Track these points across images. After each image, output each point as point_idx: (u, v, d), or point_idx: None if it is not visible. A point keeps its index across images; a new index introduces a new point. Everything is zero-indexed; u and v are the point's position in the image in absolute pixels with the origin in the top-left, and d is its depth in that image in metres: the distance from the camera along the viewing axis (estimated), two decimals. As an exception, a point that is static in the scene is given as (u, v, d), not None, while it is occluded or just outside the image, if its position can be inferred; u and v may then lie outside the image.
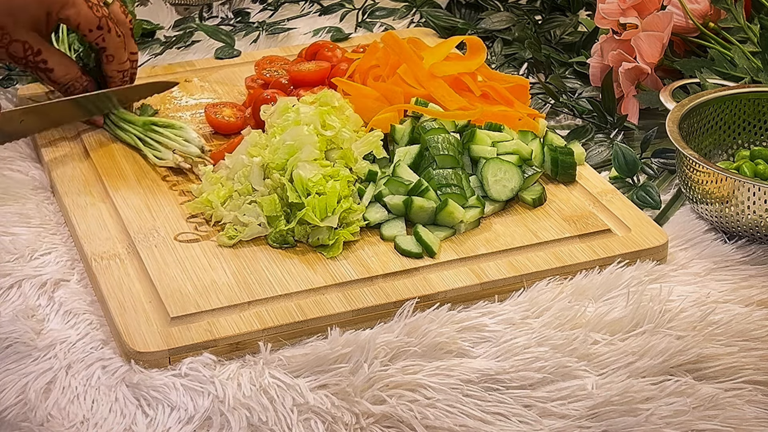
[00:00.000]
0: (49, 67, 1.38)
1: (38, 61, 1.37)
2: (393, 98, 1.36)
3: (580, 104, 1.49)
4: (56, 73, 1.39)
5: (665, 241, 1.23)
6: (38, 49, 1.37)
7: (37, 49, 1.37)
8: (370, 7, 1.76)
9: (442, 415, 1.03)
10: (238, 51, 1.62)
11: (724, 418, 1.04)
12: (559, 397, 1.05)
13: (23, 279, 1.19)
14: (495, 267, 1.19)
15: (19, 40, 1.35)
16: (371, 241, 1.22)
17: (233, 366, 1.08)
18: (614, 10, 1.47)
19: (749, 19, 1.48)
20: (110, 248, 1.22)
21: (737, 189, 1.21)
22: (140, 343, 1.09)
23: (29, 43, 1.36)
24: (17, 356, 1.09)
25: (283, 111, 1.31)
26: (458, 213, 1.23)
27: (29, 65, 1.38)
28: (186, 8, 1.77)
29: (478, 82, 1.40)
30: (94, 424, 1.03)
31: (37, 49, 1.37)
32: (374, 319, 1.13)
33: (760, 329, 1.13)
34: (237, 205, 1.25)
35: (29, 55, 1.36)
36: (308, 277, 1.17)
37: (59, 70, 1.39)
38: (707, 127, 1.34)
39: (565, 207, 1.28)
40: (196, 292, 1.15)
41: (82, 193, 1.31)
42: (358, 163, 1.28)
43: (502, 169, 1.28)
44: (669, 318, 1.12)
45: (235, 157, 1.29)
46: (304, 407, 1.03)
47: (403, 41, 1.40)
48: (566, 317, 1.13)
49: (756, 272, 1.21)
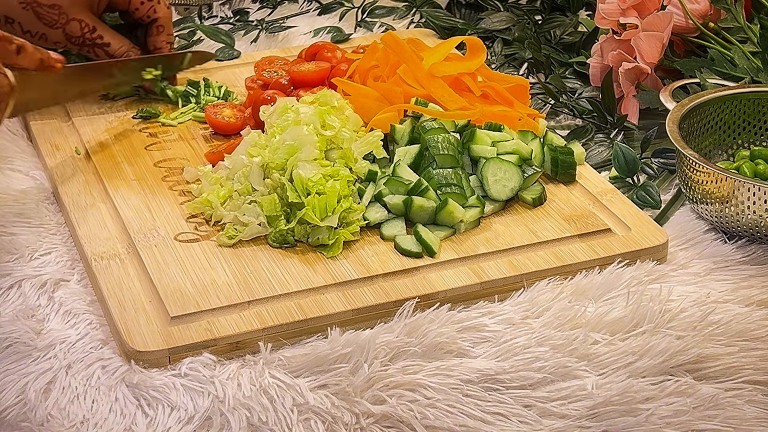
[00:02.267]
0: (106, 42, 1.43)
1: (95, 37, 1.42)
2: (393, 98, 1.36)
3: (580, 104, 1.49)
4: (113, 47, 1.44)
5: (665, 240, 1.23)
6: (93, 26, 1.42)
7: (93, 26, 1.42)
8: (369, 6, 1.76)
9: (442, 415, 1.03)
10: (238, 52, 1.62)
11: (724, 418, 1.04)
12: (559, 397, 1.05)
13: (23, 279, 1.19)
14: (495, 266, 1.19)
15: (75, 19, 1.40)
16: (371, 241, 1.22)
17: (233, 366, 1.08)
18: (614, 10, 1.47)
19: (749, 19, 1.48)
20: (110, 248, 1.22)
21: (737, 189, 1.21)
22: (140, 343, 1.09)
23: (85, 21, 1.41)
24: (17, 356, 1.09)
25: (283, 111, 1.31)
26: (458, 213, 1.23)
27: (86, 43, 1.42)
28: (186, 8, 1.77)
29: (478, 83, 1.40)
30: (94, 424, 1.03)
31: (93, 26, 1.42)
32: (374, 319, 1.13)
33: (760, 329, 1.13)
34: (237, 205, 1.25)
35: (86, 32, 1.41)
36: (308, 276, 1.17)
37: (115, 44, 1.44)
38: (707, 127, 1.34)
39: (565, 207, 1.28)
40: (196, 292, 1.15)
41: (82, 193, 1.31)
42: (358, 163, 1.28)
43: (502, 169, 1.28)
44: (669, 318, 1.12)
45: (235, 157, 1.29)
46: (304, 407, 1.03)
47: (403, 41, 1.40)
48: (566, 317, 1.13)
49: (756, 272, 1.21)
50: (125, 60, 1.44)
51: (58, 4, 1.39)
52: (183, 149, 1.40)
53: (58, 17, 1.39)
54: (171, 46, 1.49)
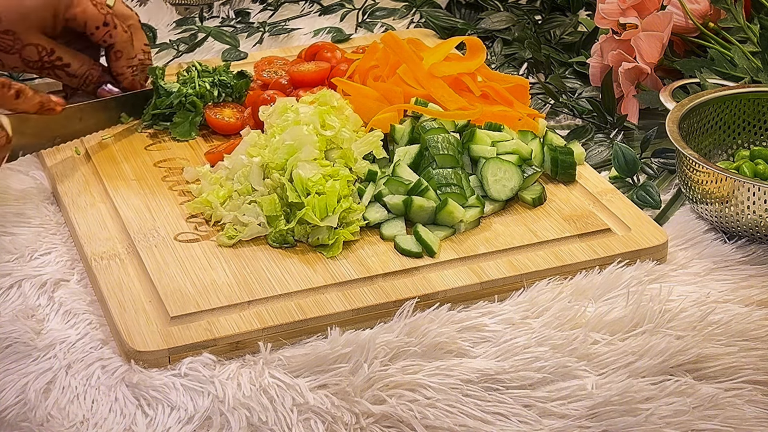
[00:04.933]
0: (66, 63, 1.39)
1: (54, 59, 1.38)
2: (393, 98, 1.36)
3: (580, 104, 1.49)
4: (73, 67, 1.40)
5: (665, 240, 1.23)
6: (51, 49, 1.38)
7: (50, 48, 1.38)
8: (370, 7, 1.76)
9: (442, 415, 1.03)
10: (244, 53, 1.61)
11: (724, 418, 1.04)
12: (559, 397, 1.05)
13: (23, 279, 1.19)
14: (495, 266, 1.19)
15: (31, 44, 1.36)
16: (371, 241, 1.22)
17: (233, 366, 1.08)
18: (614, 10, 1.47)
19: (749, 19, 1.48)
20: (110, 248, 1.22)
21: (737, 189, 1.21)
22: (140, 343, 1.09)
23: (41, 45, 1.37)
24: (17, 356, 1.09)
25: (283, 111, 1.31)
26: (458, 212, 1.23)
27: (45, 66, 1.39)
28: (186, 8, 1.77)
29: (478, 83, 1.40)
30: (94, 424, 1.03)
31: (51, 49, 1.38)
32: (374, 319, 1.13)
33: (760, 329, 1.13)
34: (237, 205, 1.25)
35: (44, 56, 1.38)
36: (308, 276, 1.17)
37: (75, 64, 1.40)
38: (707, 127, 1.34)
39: (565, 207, 1.28)
40: (196, 292, 1.15)
41: (82, 193, 1.31)
42: (357, 163, 1.28)
43: (502, 169, 1.28)
44: (669, 318, 1.12)
45: (235, 157, 1.29)
46: (304, 407, 1.03)
47: (403, 41, 1.40)
48: (566, 317, 1.13)
49: (756, 272, 1.21)
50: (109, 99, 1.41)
51: (11, 30, 1.35)
52: (183, 149, 1.40)
53: (13, 43, 1.35)
54: (134, 69, 1.43)
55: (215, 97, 1.44)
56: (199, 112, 1.43)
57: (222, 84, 1.45)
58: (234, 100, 1.45)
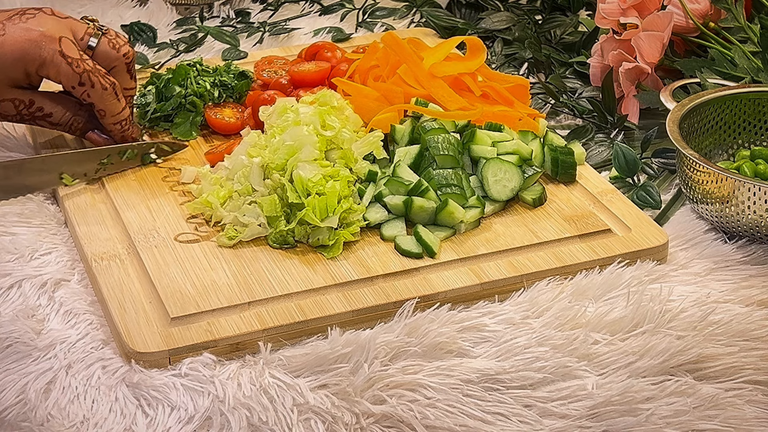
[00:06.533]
0: (48, 113, 1.34)
1: (34, 111, 1.33)
2: (393, 98, 1.36)
3: (580, 104, 1.49)
4: (56, 116, 1.35)
5: (665, 241, 1.23)
6: (29, 100, 1.33)
7: (29, 100, 1.33)
8: (370, 7, 1.76)
9: (442, 415, 1.03)
10: (245, 53, 1.61)
11: (724, 418, 1.04)
12: (559, 397, 1.05)
13: (23, 279, 1.19)
14: (495, 267, 1.19)
15: (6, 99, 1.32)
16: (371, 241, 1.22)
17: (233, 366, 1.08)
18: (614, 9, 1.47)
19: (749, 19, 1.48)
20: (110, 249, 1.22)
21: (737, 189, 1.21)
22: (140, 344, 1.09)
23: (18, 99, 1.32)
24: (17, 356, 1.09)
25: (282, 111, 1.31)
26: (458, 213, 1.23)
27: (26, 118, 1.34)
28: (186, 8, 1.77)
29: (478, 82, 1.40)
30: (94, 424, 1.03)
31: (29, 101, 1.33)
32: (374, 319, 1.13)
33: (761, 329, 1.13)
34: (237, 205, 1.25)
35: (22, 109, 1.33)
36: (308, 277, 1.17)
37: (57, 112, 1.35)
38: (707, 127, 1.34)
39: (566, 207, 1.28)
40: (196, 293, 1.15)
41: (83, 193, 1.31)
42: (358, 164, 1.28)
43: (502, 169, 1.28)
44: (669, 318, 1.12)
45: (235, 157, 1.29)
46: (304, 407, 1.03)
47: (403, 41, 1.40)
48: (566, 317, 1.13)
49: (756, 272, 1.21)
50: (107, 148, 1.33)
51: None
52: (183, 149, 1.39)
53: None
54: (122, 125, 1.35)
55: (215, 98, 1.44)
56: (200, 112, 1.43)
57: (222, 84, 1.45)
58: (234, 100, 1.45)
